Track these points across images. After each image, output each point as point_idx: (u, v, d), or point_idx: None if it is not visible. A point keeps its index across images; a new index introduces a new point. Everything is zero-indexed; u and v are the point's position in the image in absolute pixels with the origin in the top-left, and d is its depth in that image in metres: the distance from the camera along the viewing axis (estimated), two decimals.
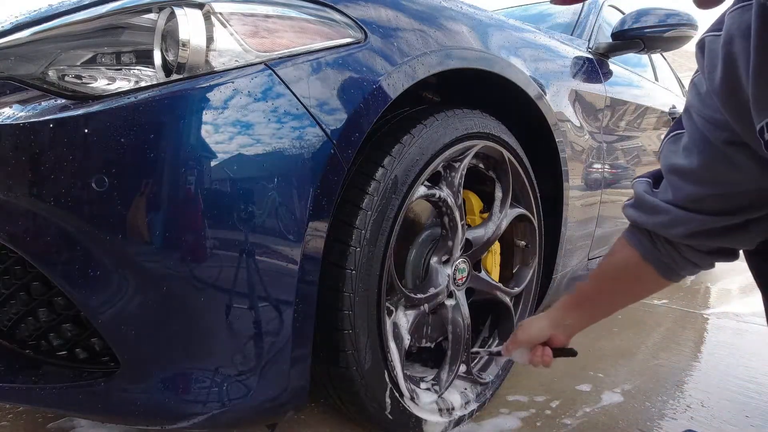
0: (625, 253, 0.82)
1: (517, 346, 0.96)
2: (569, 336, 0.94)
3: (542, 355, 0.93)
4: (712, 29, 0.60)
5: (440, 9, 0.99)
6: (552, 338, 0.94)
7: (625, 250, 0.81)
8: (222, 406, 0.70)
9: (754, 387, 1.31)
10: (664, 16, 1.63)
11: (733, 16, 0.55)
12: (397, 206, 0.86)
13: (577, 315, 0.91)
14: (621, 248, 0.83)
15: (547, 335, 0.93)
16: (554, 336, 0.93)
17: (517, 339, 0.96)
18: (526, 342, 0.95)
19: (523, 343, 0.95)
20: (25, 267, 0.73)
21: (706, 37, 0.61)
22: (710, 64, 0.60)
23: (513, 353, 0.98)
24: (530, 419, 1.09)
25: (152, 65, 0.67)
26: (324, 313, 0.80)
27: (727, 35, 0.55)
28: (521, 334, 0.95)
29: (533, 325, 0.95)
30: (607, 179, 1.60)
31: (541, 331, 0.93)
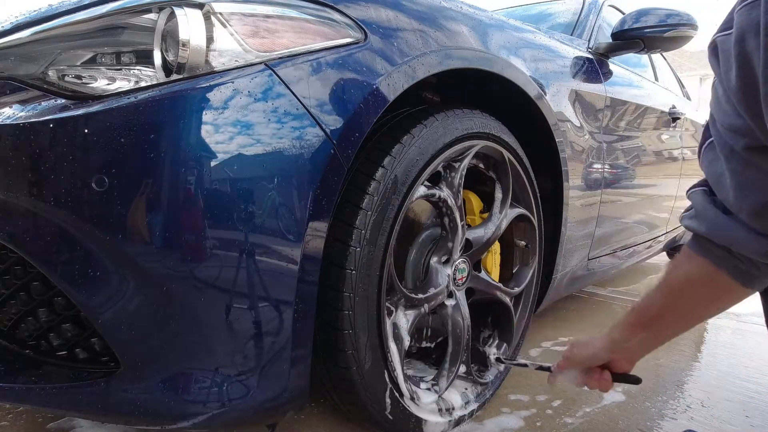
0: (693, 265, 0.72)
1: (570, 367, 0.88)
2: (632, 361, 0.85)
3: (600, 379, 0.85)
4: (722, 29, 0.57)
5: (440, 9, 0.99)
6: (612, 362, 0.85)
7: (694, 262, 0.72)
8: (222, 406, 0.70)
9: (754, 387, 1.31)
10: (664, 16, 1.63)
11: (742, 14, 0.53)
12: (397, 206, 0.86)
13: (641, 336, 0.81)
14: (687, 260, 0.73)
15: (605, 359, 0.85)
16: (615, 360, 0.84)
17: (571, 360, 0.87)
18: (580, 364, 0.87)
19: (577, 365, 0.87)
20: (25, 267, 0.73)
21: (717, 38, 0.58)
22: (725, 65, 0.57)
23: (565, 373, 0.89)
24: (531, 419, 1.09)
25: (152, 65, 0.67)
26: (324, 313, 0.80)
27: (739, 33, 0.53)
28: (576, 355, 0.87)
29: (590, 346, 0.86)
30: (607, 179, 1.60)
31: (597, 355, 0.85)
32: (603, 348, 0.84)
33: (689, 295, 0.76)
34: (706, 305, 0.77)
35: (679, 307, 0.77)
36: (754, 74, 0.52)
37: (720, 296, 0.74)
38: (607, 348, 0.83)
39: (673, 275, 0.77)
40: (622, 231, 1.88)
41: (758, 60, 0.51)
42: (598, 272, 1.81)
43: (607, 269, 1.90)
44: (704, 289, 0.73)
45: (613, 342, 0.83)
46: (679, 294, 0.76)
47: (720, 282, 0.71)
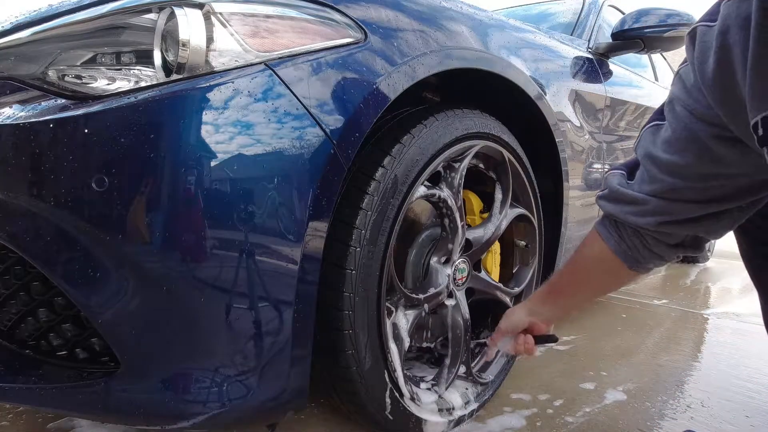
0: (595, 246, 0.83)
1: (501, 336, 1.00)
2: (548, 324, 0.97)
3: (524, 342, 0.96)
4: (705, 19, 0.58)
5: (440, 9, 0.99)
6: (532, 326, 0.96)
7: (596, 243, 0.83)
8: (222, 406, 0.70)
9: (754, 387, 1.31)
10: (664, 16, 1.63)
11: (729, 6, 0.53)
12: (397, 206, 0.86)
13: (551, 306, 0.94)
14: (592, 241, 0.85)
15: (526, 323, 0.96)
16: (534, 324, 0.96)
17: (500, 328, 0.99)
18: (509, 330, 0.98)
19: (506, 332, 0.98)
20: (25, 267, 0.73)
21: (698, 26, 0.59)
22: (701, 55, 0.58)
23: (498, 343, 1.01)
24: (532, 418, 1.09)
25: (152, 65, 0.67)
26: (324, 313, 0.80)
27: (723, 25, 0.53)
28: (503, 323, 0.99)
29: (513, 314, 0.98)
30: None
31: (520, 320, 0.96)
32: (522, 315, 0.96)
33: (588, 271, 0.88)
34: (601, 281, 0.89)
35: (580, 281, 0.90)
36: (733, 68, 0.53)
37: (611, 275, 0.85)
38: (526, 314, 0.96)
39: (579, 253, 0.89)
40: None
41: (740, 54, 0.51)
42: None
43: None
44: (599, 268, 0.85)
45: (529, 309, 0.96)
46: (581, 269, 0.89)
47: (612, 263, 0.82)
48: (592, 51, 1.67)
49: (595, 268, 0.86)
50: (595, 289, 0.92)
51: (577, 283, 0.90)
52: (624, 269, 0.81)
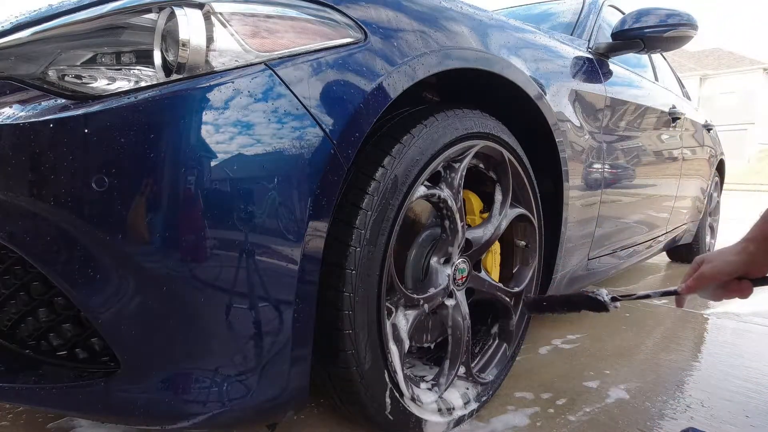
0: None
1: (703, 285, 0.87)
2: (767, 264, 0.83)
3: (738, 289, 0.85)
4: None
5: (440, 9, 0.99)
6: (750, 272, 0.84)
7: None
8: (222, 406, 0.70)
9: (754, 387, 1.31)
10: (664, 16, 1.63)
11: None
12: (397, 206, 0.86)
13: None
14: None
15: (741, 271, 0.84)
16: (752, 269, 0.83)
17: (704, 275, 0.87)
18: (715, 280, 0.86)
19: (712, 281, 0.86)
20: (25, 267, 0.73)
21: None
22: None
23: (700, 291, 0.89)
24: (534, 417, 1.09)
25: (152, 65, 0.67)
26: (324, 313, 0.80)
27: None
28: (708, 271, 0.86)
29: (723, 261, 0.85)
30: (607, 179, 1.60)
31: (733, 269, 0.84)
32: (738, 262, 0.83)
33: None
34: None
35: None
36: None
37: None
38: (745, 262, 0.83)
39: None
40: (622, 231, 1.88)
41: None
42: (598, 272, 1.81)
43: (607, 269, 1.90)
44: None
45: (750, 255, 0.82)
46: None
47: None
48: (592, 51, 1.67)
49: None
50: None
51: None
52: None
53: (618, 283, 2.66)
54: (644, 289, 2.51)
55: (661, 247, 2.61)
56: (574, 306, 1.07)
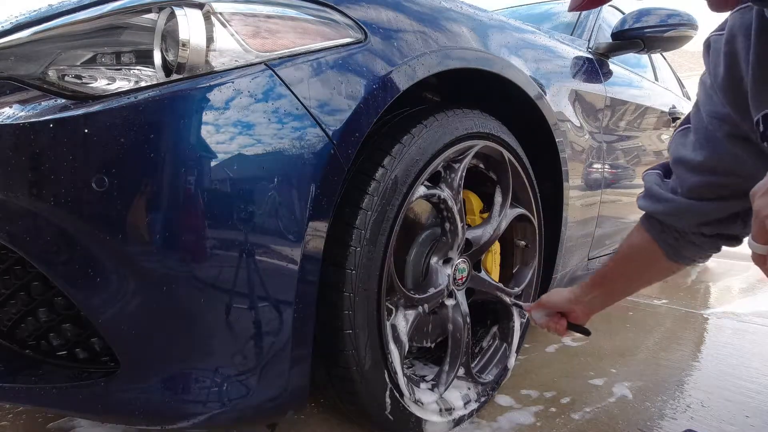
0: (638, 236, 0.87)
1: (539, 309, 1.04)
2: (587, 314, 1.00)
3: (557, 322, 1.01)
4: (717, 29, 0.65)
5: (441, 10, 0.99)
6: (570, 313, 1.00)
7: (639, 233, 0.87)
8: (222, 406, 0.70)
9: (754, 387, 1.31)
10: (664, 16, 1.63)
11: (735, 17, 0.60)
12: (397, 206, 0.86)
13: (596, 293, 0.97)
14: (636, 231, 0.89)
15: (566, 308, 1.00)
16: (573, 311, 0.99)
17: (541, 302, 1.04)
18: (548, 306, 1.02)
19: (545, 307, 1.03)
20: (25, 267, 0.73)
21: (712, 36, 0.66)
22: (714, 61, 0.65)
23: (533, 313, 1.06)
24: (538, 416, 1.09)
25: (152, 65, 0.67)
26: (324, 313, 0.80)
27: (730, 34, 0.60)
28: (545, 299, 1.03)
29: (558, 294, 1.02)
30: (607, 179, 1.60)
31: (561, 302, 1.00)
32: (566, 299, 1.00)
33: (631, 261, 0.91)
34: (643, 272, 0.92)
35: (624, 271, 0.93)
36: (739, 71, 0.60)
37: (652, 265, 0.88)
38: (569, 299, 1.00)
39: (624, 244, 0.92)
40: (622, 231, 1.88)
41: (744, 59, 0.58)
42: None
43: None
44: (642, 257, 0.88)
45: (574, 295, 0.99)
46: (625, 259, 0.92)
47: (653, 253, 0.85)
48: (592, 51, 1.67)
49: (638, 259, 0.89)
50: (637, 280, 0.95)
51: (620, 274, 0.93)
52: (663, 259, 0.84)
53: None
54: (644, 289, 2.51)
55: None
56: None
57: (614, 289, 0.97)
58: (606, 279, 0.95)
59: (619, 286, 0.96)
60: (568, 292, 1.00)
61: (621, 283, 0.95)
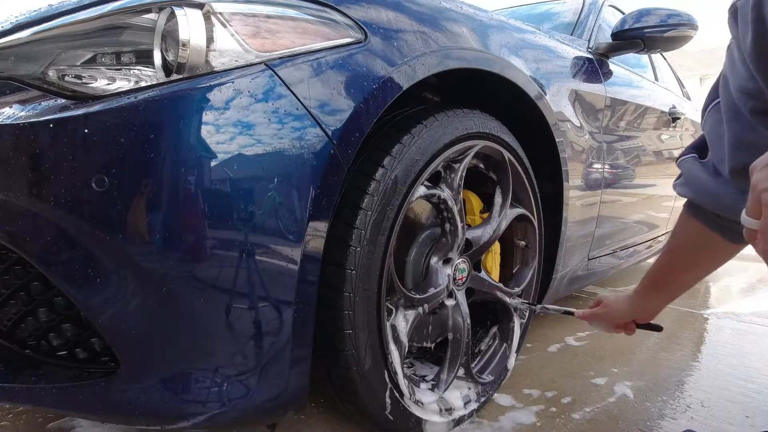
0: (688, 227, 0.81)
1: (596, 320, 1.02)
2: (653, 315, 0.97)
3: (626, 328, 0.99)
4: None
5: (441, 10, 0.99)
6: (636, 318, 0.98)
7: (688, 224, 0.81)
8: (222, 406, 0.70)
9: (754, 387, 1.31)
10: (665, 16, 1.63)
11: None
12: (397, 206, 0.86)
13: (657, 296, 0.93)
14: (683, 223, 0.82)
15: (628, 320, 0.97)
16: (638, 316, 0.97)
17: (598, 316, 1.00)
18: (608, 319, 1.00)
19: (604, 324, 1.01)
20: (25, 267, 0.73)
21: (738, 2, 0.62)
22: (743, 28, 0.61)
23: (593, 323, 1.04)
24: (534, 416, 1.09)
25: (152, 65, 0.67)
26: (324, 313, 0.80)
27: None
28: (603, 315, 1.00)
29: (615, 308, 0.98)
30: (607, 179, 1.60)
31: (622, 316, 0.97)
32: (627, 311, 0.97)
33: (690, 255, 0.85)
34: (705, 262, 0.85)
35: (684, 266, 0.87)
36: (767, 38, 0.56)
37: (715, 253, 0.82)
38: (630, 311, 0.96)
39: (674, 239, 0.86)
40: (622, 231, 1.88)
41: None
42: (598, 272, 1.81)
43: (607, 269, 1.90)
44: (701, 249, 0.82)
45: (634, 305, 0.95)
46: (682, 252, 0.85)
47: (713, 242, 0.79)
48: (592, 51, 1.67)
49: (698, 248, 0.82)
50: (701, 267, 0.89)
51: (682, 268, 0.88)
52: (723, 244, 0.78)
53: (618, 283, 2.66)
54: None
55: (661, 247, 2.61)
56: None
57: (681, 283, 0.91)
58: (667, 278, 0.90)
59: (684, 279, 0.90)
60: (626, 302, 0.96)
61: (685, 276, 0.89)
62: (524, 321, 1.28)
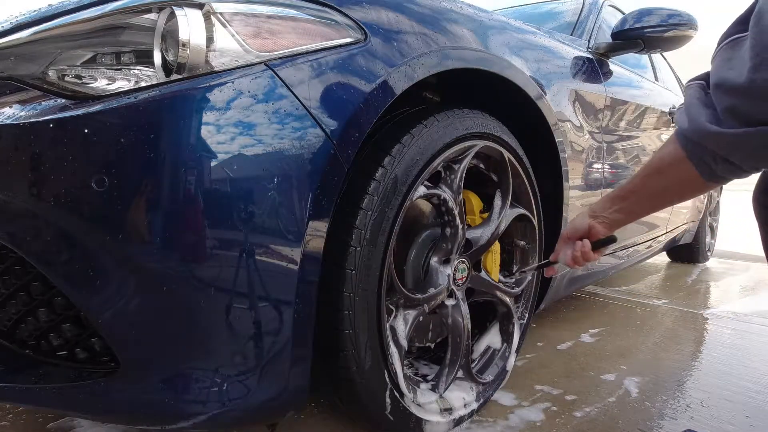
0: (670, 148, 0.79)
1: (563, 244, 1.01)
2: (609, 228, 0.96)
3: (581, 248, 0.97)
4: None
5: (441, 11, 0.99)
6: (591, 231, 0.96)
7: (671, 145, 0.79)
8: (222, 406, 0.70)
9: (754, 387, 1.31)
10: (665, 16, 1.63)
11: None
12: (397, 206, 0.86)
13: (618, 207, 0.93)
14: (670, 144, 0.80)
15: (586, 225, 0.96)
16: (593, 228, 0.96)
17: (563, 235, 1.01)
18: (570, 233, 0.99)
19: (567, 237, 1.00)
20: (25, 267, 0.73)
21: None
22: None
23: (560, 255, 1.01)
24: (534, 416, 1.09)
25: (152, 65, 0.67)
26: (324, 313, 0.80)
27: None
28: (566, 230, 1.00)
29: (577, 218, 0.99)
30: (607, 179, 1.60)
31: (581, 222, 0.97)
32: (585, 214, 0.97)
33: (660, 175, 0.84)
34: (671, 189, 0.85)
35: (652, 187, 0.87)
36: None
37: (683, 183, 0.81)
38: (588, 215, 0.96)
39: (655, 156, 0.85)
40: (622, 231, 1.88)
41: None
42: (598, 272, 1.81)
43: (607, 269, 1.90)
44: (673, 173, 0.81)
45: (593, 210, 0.96)
46: (654, 173, 0.85)
47: (685, 170, 0.78)
48: (592, 51, 1.67)
49: (669, 175, 0.82)
50: (665, 197, 0.89)
51: (648, 189, 0.87)
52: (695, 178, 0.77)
53: (618, 283, 2.66)
54: (644, 288, 2.52)
55: (661, 247, 2.61)
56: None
57: (639, 204, 0.91)
58: (631, 193, 0.90)
59: (645, 201, 0.90)
60: (585, 212, 0.97)
61: (648, 198, 0.89)
62: (524, 321, 1.28)
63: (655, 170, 0.85)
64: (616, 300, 2.24)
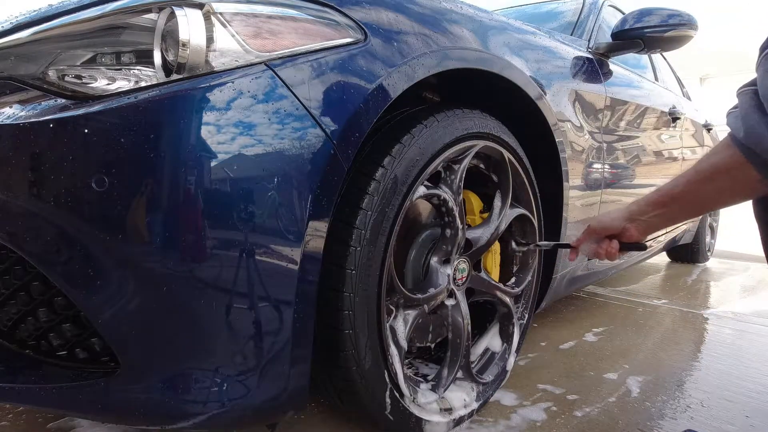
0: (727, 153, 0.76)
1: (588, 237, 0.97)
2: (644, 233, 0.92)
3: (608, 247, 0.94)
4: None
5: (441, 11, 0.99)
6: (624, 232, 0.93)
7: (728, 150, 0.75)
8: (222, 406, 0.70)
9: (754, 387, 1.31)
10: (666, 16, 1.63)
11: None
12: (397, 206, 0.86)
13: (659, 212, 0.89)
14: (723, 148, 0.77)
15: (619, 227, 0.93)
16: (628, 231, 0.92)
17: (590, 228, 0.97)
18: (598, 231, 0.95)
19: (595, 233, 0.96)
20: (25, 267, 0.73)
21: None
22: None
23: (582, 245, 0.98)
24: (534, 415, 1.09)
25: (152, 65, 0.67)
26: (324, 313, 0.80)
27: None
28: (596, 224, 0.96)
29: (609, 216, 0.94)
30: (607, 179, 1.60)
31: (613, 222, 0.93)
32: (620, 217, 0.93)
33: (712, 180, 0.80)
34: (724, 195, 0.81)
35: (700, 193, 0.82)
36: None
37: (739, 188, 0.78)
38: (624, 217, 0.92)
39: (705, 161, 0.81)
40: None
41: None
42: (598, 272, 1.81)
43: (607, 269, 1.90)
44: (728, 179, 0.77)
45: (630, 213, 0.91)
46: (706, 180, 0.81)
47: (743, 173, 0.74)
48: (592, 51, 1.67)
49: (723, 181, 0.78)
50: (714, 202, 0.86)
51: (695, 195, 0.83)
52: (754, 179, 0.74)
53: (618, 283, 2.66)
54: (644, 288, 2.51)
55: (661, 247, 2.61)
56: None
57: (683, 210, 0.87)
58: (674, 200, 0.85)
59: (689, 207, 0.86)
60: (622, 211, 0.93)
61: (694, 205, 0.85)
62: (524, 322, 1.28)
63: (707, 177, 0.81)
64: (616, 300, 2.24)
